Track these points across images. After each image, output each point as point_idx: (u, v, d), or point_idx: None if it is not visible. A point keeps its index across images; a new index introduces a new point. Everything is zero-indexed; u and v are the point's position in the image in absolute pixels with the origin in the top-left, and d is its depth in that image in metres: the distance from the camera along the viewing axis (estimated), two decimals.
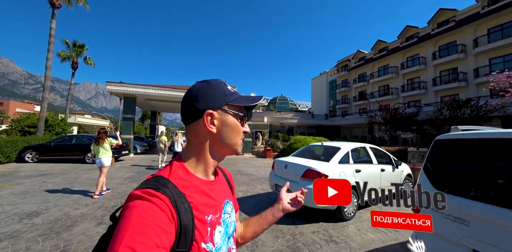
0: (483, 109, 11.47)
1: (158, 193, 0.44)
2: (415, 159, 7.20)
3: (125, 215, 0.41)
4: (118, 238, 0.37)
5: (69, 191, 4.87)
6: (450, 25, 19.68)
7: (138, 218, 0.39)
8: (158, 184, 0.47)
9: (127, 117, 12.58)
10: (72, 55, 21.25)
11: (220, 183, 0.65)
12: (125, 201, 0.45)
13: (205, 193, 0.55)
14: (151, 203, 0.42)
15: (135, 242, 0.36)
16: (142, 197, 0.43)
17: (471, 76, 17.76)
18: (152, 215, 0.41)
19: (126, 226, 0.38)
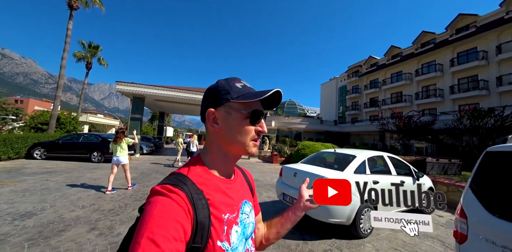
0: (508, 120, 10.66)
1: (176, 189, 0.47)
2: (434, 171, 6.64)
3: (146, 209, 0.44)
4: (141, 230, 0.40)
5: (69, 191, 4.73)
6: (470, 31, 18.86)
7: (158, 212, 0.42)
8: (177, 181, 0.50)
9: (135, 117, 12.65)
10: (87, 56, 22.03)
11: (239, 183, 0.65)
12: (148, 195, 0.48)
13: (223, 192, 0.56)
14: (169, 198, 0.45)
15: (155, 234, 0.39)
16: (161, 193, 0.46)
17: (493, 84, 16.79)
18: (171, 210, 0.43)
19: (147, 220, 0.41)
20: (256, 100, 0.56)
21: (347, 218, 2.94)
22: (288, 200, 3.54)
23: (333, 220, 2.92)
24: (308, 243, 2.88)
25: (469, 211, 1.50)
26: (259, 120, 0.57)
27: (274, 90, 0.55)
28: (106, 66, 24.24)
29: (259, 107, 0.58)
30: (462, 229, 1.52)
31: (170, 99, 13.93)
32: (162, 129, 22.54)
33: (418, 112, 20.10)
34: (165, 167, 8.90)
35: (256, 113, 0.56)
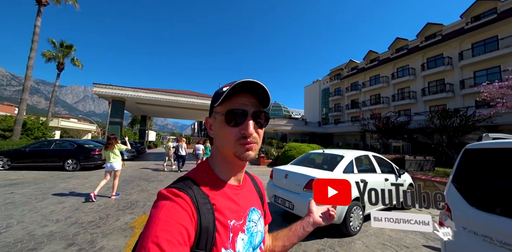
0: (471, 119, 11.80)
1: (181, 193, 0.47)
2: (412, 167, 7.10)
3: (151, 213, 0.44)
4: (146, 234, 0.40)
5: (40, 203, 4.29)
6: (437, 38, 20.74)
7: (163, 216, 0.42)
8: (183, 185, 0.50)
9: (115, 121, 11.95)
10: (58, 56, 20.44)
11: (247, 190, 0.63)
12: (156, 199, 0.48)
13: (229, 197, 0.55)
14: (174, 202, 0.45)
15: (159, 238, 0.38)
16: (167, 197, 0.46)
17: (458, 87, 18.51)
18: (175, 214, 0.43)
19: (152, 224, 0.41)
20: (236, 99, 0.53)
21: (338, 217, 3.00)
22: (280, 202, 3.54)
23: None
24: (302, 244, 2.89)
25: (452, 204, 1.60)
26: (237, 121, 0.52)
27: (239, 81, 0.50)
28: (80, 67, 22.70)
29: (241, 106, 0.53)
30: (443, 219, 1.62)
31: (153, 102, 13.38)
32: (144, 133, 21.54)
33: (395, 113, 21.49)
34: (149, 173, 8.47)
35: (231, 113, 0.52)
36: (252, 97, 0.55)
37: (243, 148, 0.52)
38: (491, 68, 16.85)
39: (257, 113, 0.55)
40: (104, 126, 44.19)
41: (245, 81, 0.51)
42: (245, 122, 0.53)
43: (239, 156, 0.53)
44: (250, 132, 0.52)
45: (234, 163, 0.57)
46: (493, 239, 1.35)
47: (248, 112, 0.53)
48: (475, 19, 18.80)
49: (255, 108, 0.55)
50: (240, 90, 0.53)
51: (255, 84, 0.53)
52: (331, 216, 0.73)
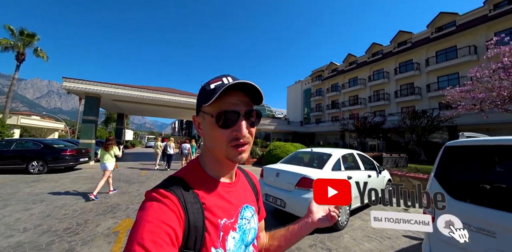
0: (436, 120, 13.10)
1: (168, 193, 0.46)
2: (388, 164, 7.66)
3: (138, 215, 0.43)
4: (132, 237, 0.39)
5: (1, 211, 3.80)
6: (407, 45, 22.56)
7: (149, 217, 0.41)
8: (170, 184, 0.48)
9: (89, 119, 11.00)
10: (17, 45, 18.18)
11: (240, 187, 0.62)
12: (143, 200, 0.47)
13: (220, 196, 0.54)
14: (161, 203, 0.44)
15: (145, 240, 0.38)
16: (153, 197, 0.45)
17: (424, 90, 20.37)
18: (162, 215, 0.42)
19: (138, 225, 0.40)
20: (226, 98, 0.50)
21: None
22: (271, 201, 3.58)
23: None
24: None
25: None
26: (229, 122, 0.50)
27: (230, 84, 0.48)
28: (46, 59, 20.46)
29: (232, 106, 0.50)
30: (430, 212, 1.78)
31: (131, 99, 12.59)
32: (121, 132, 20.17)
33: (371, 113, 22.97)
34: (129, 175, 7.97)
35: (222, 115, 0.50)
36: (243, 95, 0.53)
37: (236, 151, 0.51)
38: (451, 74, 18.84)
39: (249, 112, 0.53)
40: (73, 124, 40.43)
41: (235, 83, 0.49)
42: (238, 123, 0.51)
43: (232, 159, 0.51)
44: (243, 133, 0.51)
45: (225, 163, 0.55)
46: (470, 225, 1.52)
47: (240, 113, 0.51)
48: (438, 29, 20.83)
49: (247, 107, 0.53)
50: (229, 88, 0.49)
51: (247, 84, 0.50)
52: (333, 217, 0.68)
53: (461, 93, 7.85)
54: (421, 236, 3.18)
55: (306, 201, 3.06)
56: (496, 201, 1.49)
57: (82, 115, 11.16)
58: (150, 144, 34.62)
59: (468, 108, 7.81)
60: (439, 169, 1.82)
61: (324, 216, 0.69)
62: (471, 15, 18.82)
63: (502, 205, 1.43)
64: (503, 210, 1.39)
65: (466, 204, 1.58)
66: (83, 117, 10.95)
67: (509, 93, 6.68)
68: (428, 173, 6.06)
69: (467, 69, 17.23)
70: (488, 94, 6.97)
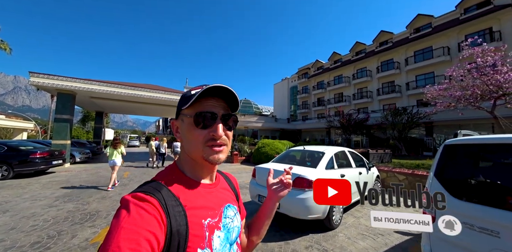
0: (415, 116, 13.84)
1: (148, 196, 0.44)
2: (374, 160, 7.90)
3: (113, 222, 0.40)
4: (106, 246, 0.37)
5: None
6: (388, 45, 23.50)
7: (126, 224, 0.39)
8: (149, 188, 0.48)
9: (62, 118, 10.07)
10: None
11: (221, 187, 0.63)
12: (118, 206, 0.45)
13: (202, 196, 0.54)
14: (139, 207, 0.42)
15: (122, 249, 0.36)
16: (131, 202, 0.43)
17: (404, 88, 21.43)
18: (140, 220, 0.40)
19: (113, 233, 0.38)
20: (205, 102, 0.54)
21: (323, 213, 3.09)
22: None
23: (312, 216, 3.01)
24: (290, 243, 2.88)
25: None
26: (206, 123, 0.53)
27: (210, 86, 0.51)
28: (9, 52, 18.41)
29: (210, 108, 0.54)
30: (430, 212, 1.76)
31: (110, 97, 11.75)
32: (100, 132, 18.91)
33: (355, 110, 23.79)
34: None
35: (200, 115, 0.53)
36: (221, 101, 0.56)
37: (212, 150, 0.53)
38: (428, 73, 19.98)
39: (226, 116, 0.56)
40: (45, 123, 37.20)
41: (215, 87, 0.51)
42: (215, 124, 0.53)
43: (208, 159, 0.52)
44: (220, 134, 0.53)
45: (204, 165, 0.56)
46: (473, 225, 1.50)
47: (217, 115, 0.54)
48: (416, 30, 21.92)
49: (224, 111, 0.56)
50: (209, 94, 0.53)
51: (224, 89, 0.53)
52: (288, 183, 0.74)
53: (440, 91, 8.29)
54: (411, 232, 3.26)
55: (301, 202, 2.98)
56: (497, 200, 1.48)
57: (55, 113, 10.20)
58: (133, 143, 32.99)
59: (446, 106, 8.28)
60: (439, 168, 1.80)
61: (281, 186, 0.75)
62: (444, 18, 19.99)
63: (504, 203, 1.42)
64: (506, 209, 1.38)
65: (468, 203, 1.57)
66: (56, 116, 10.00)
67: (482, 92, 7.16)
68: (411, 168, 6.33)
69: (442, 68, 18.44)
70: (464, 92, 7.41)
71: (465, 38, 16.96)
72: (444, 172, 1.77)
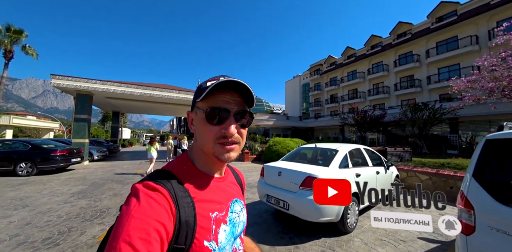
0: (438, 112, 12.83)
1: (158, 186, 0.44)
2: (393, 159, 7.39)
3: (123, 209, 0.41)
4: (117, 233, 0.37)
5: None
6: (407, 37, 22.04)
7: (136, 213, 0.39)
8: (160, 178, 0.47)
9: (80, 117, 10.56)
10: (4, 42, 17.46)
11: (230, 181, 0.63)
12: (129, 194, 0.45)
13: (211, 189, 0.54)
14: (149, 197, 0.42)
15: (132, 237, 0.36)
16: (141, 191, 0.43)
17: (425, 82, 20.03)
18: (150, 210, 0.40)
19: (124, 221, 0.38)
20: (219, 96, 0.51)
21: (336, 215, 2.84)
22: (273, 202, 3.27)
23: (324, 219, 2.78)
24: (300, 247, 2.67)
25: (475, 201, 1.45)
26: (218, 119, 0.50)
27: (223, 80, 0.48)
28: (35, 57, 19.72)
29: (224, 104, 0.51)
30: (468, 220, 1.47)
31: (125, 97, 12.13)
32: (117, 131, 19.73)
33: (371, 107, 22.69)
34: (124, 175, 7.64)
35: (213, 111, 0.50)
36: (236, 95, 0.53)
37: (223, 148, 0.51)
38: (452, 65, 18.46)
39: (240, 112, 0.53)
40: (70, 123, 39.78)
41: (229, 81, 0.49)
42: (227, 121, 0.51)
43: (218, 157, 0.51)
44: (231, 132, 0.50)
45: (214, 160, 0.54)
46: None
47: (230, 111, 0.51)
48: (439, 19, 20.28)
49: (239, 107, 0.53)
50: (225, 87, 0.51)
51: (239, 84, 0.51)
52: None
53: (468, 83, 7.52)
54: (437, 238, 2.91)
55: (312, 203, 2.75)
56: None
57: (74, 113, 10.71)
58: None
59: (475, 99, 7.51)
60: (479, 168, 1.49)
61: None
62: (472, 4, 18.28)
63: None
64: None
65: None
66: (75, 116, 10.50)
67: None
68: (435, 167, 5.79)
69: (469, 59, 16.94)
70: (498, 83, 6.65)
71: (497, 25, 15.39)
72: (486, 173, 1.47)
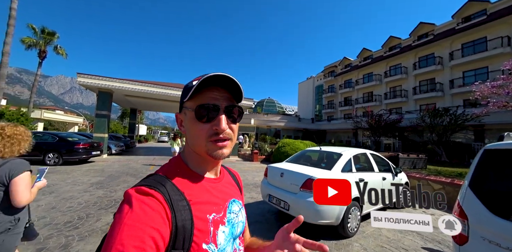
0: (460, 118, 12.07)
1: (152, 190, 0.43)
2: (405, 166, 7.12)
3: (116, 217, 0.40)
4: (110, 242, 0.36)
5: None
6: (429, 38, 20.93)
7: (129, 220, 0.38)
8: (154, 182, 0.46)
9: (101, 113, 11.32)
10: (39, 43, 19.11)
11: (226, 182, 0.63)
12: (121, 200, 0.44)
13: (207, 190, 0.53)
14: (142, 203, 0.41)
15: (125, 246, 0.35)
16: (134, 197, 0.42)
17: (447, 86, 18.91)
18: (143, 216, 0.39)
19: (117, 229, 0.37)
20: (207, 93, 0.50)
21: (336, 219, 2.86)
22: (275, 202, 3.35)
23: (323, 221, 2.81)
24: None
25: (470, 211, 1.45)
26: (208, 116, 0.50)
27: (208, 75, 0.48)
28: (65, 56, 21.41)
29: (212, 100, 0.51)
30: (462, 231, 1.47)
31: (142, 95, 12.79)
32: (134, 127, 20.79)
33: (387, 111, 21.85)
34: (138, 169, 8.09)
35: (202, 108, 0.50)
36: (224, 91, 0.53)
37: (216, 146, 0.50)
38: (479, 68, 17.25)
39: (229, 108, 0.53)
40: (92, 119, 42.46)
41: (215, 75, 0.48)
42: (217, 117, 0.50)
43: (212, 154, 0.50)
44: (223, 128, 0.50)
45: (208, 159, 0.54)
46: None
47: (220, 107, 0.51)
48: (465, 20, 19.05)
49: (228, 103, 0.53)
50: (211, 84, 0.50)
51: (226, 78, 0.50)
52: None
53: (493, 88, 7.06)
54: (443, 250, 2.82)
55: (312, 205, 2.80)
56: None
57: (96, 109, 11.50)
58: (163, 139, 35.58)
59: (501, 106, 7.03)
60: (475, 178, 1.48)
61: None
62: (503, 3, 16.98)
63: None
64: None
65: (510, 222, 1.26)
66: (96, 112, 11.28)
67: None
68: (451, 176, 5.52)
69: (498, 62, 15.73)
70: None
71: None
72: (483, 183, 1.46)
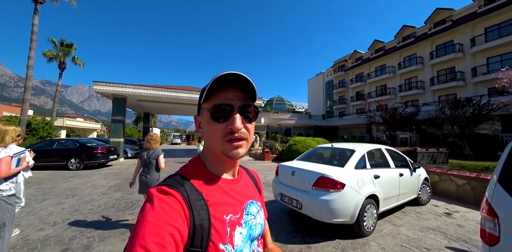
0: (485, 108, 11.22)
1: (171, 190, 0.45)
2: (424, 160, 6.75)
3: (139, 216, 0.42)
4: (133, 238, 0.39)
5: (39, 205, 4.18)
6: (447, 24, 19.65)
7: (151, 218, 0.40)
8: (173, 182, 0.49)
9: (117, 119, 11.82)
10: (59, 55, 20.32)
11: (244, 183, 0.63)
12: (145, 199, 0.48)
13: (224, 192, 0.54)
14: (162, 201, 0.43)
15: (147, 242, 0.37)
16: (156, 196, 0.44)
17: (469, 75, 17.67)
18: (163, 215, 0.41)
19: (140, 226, 0.40)
20: (221, 94, 0.52)
21: (351, 217, 2.76)
22: (287, 201, 3.30)
23: (337, 220, 2.73)
24: (312, 247, 2.67)
25: (500, 209, 1.32)
26: (223, 116, 0.51)
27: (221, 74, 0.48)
28: (82, 66, 22.59)
29: (226, 100, 0.52)
30: (492, 230, 1.34)
31: (154, 99, 13.18)
32: (148, 131, 21.51)
33: (402, 104, 20.85)
34: None
35: (217, 109, 0.51)
36: (238, 91, 0.54)
37: (231, 145, 0.51)
38: (506, 53, 15.91)
39: (244, 107, 0.53)
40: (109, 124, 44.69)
41: (229, 74, 0.49)
42: (232, 116, 0.51)
43: (228, 154, 0.51)
44: (237, 127, 0.51)
45: (225, 160, 0.55)
46: None
47: (234, 106, 0.52)
48: (488, 1, 17.65)
49: (242, 102, 0.53)
50: (225, 85, 0.51)
51: (239, 77, 0.50)
52: None
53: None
54: (470, 250, 2.63)
55: (325, 204, 2.72)
56: None
57: (111, 115, 12.02)
58: (175, 141, 36.55)
59: None
60: (506, 172, 1.35)
61: None
62: None
63: None
64: None
65: None
66: (112, 117, 11.79)
67: None
68: (476, 171, 5.14)
69: None
70: None
71: None
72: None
